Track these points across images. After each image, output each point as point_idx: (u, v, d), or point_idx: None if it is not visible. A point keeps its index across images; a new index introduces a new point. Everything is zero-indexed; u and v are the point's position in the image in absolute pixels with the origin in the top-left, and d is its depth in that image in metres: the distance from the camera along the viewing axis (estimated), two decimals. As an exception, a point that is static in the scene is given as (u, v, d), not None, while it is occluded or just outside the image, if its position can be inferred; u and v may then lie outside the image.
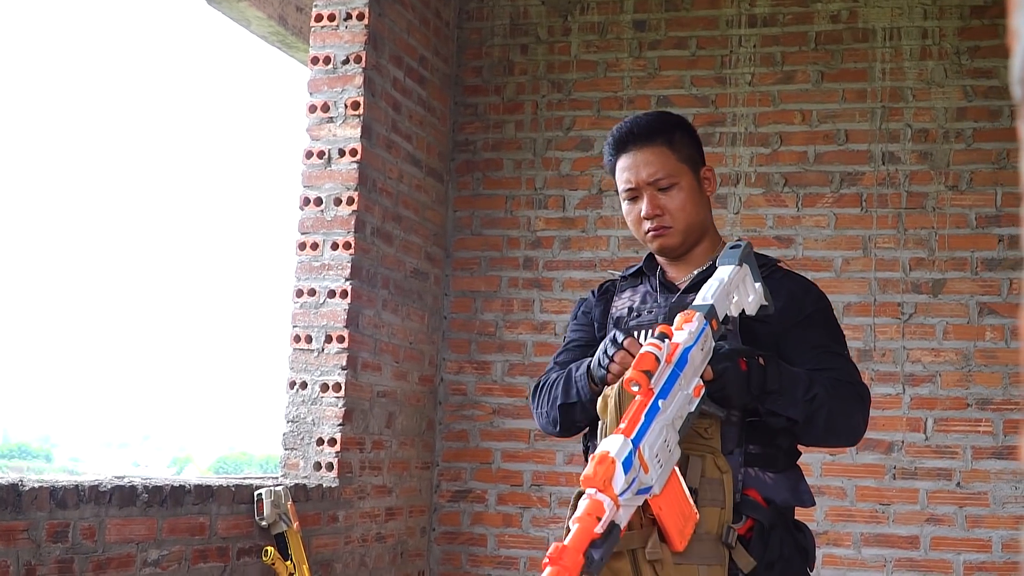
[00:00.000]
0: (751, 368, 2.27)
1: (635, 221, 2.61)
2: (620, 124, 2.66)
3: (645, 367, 2.06)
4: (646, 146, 2.59)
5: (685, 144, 2.62)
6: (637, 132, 2.60)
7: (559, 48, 6.01)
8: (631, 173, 2.58)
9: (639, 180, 2.57)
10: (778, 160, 5.64)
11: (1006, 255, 5.35)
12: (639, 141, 2.59)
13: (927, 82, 5.53)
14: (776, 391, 2.30)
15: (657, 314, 2.54)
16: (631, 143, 2.60)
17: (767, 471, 2.40)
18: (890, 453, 5.35)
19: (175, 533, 3.92)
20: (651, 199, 2.57)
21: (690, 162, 2.61)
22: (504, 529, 5.75)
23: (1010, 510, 5.19)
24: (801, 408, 2.34)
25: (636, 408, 2.07)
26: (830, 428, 2.41)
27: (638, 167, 2.58)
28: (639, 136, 2.59)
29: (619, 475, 1.94)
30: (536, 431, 5.73)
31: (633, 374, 2.06)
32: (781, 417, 2.34)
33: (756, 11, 5.77)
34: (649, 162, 2.57)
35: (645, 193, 2.57)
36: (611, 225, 5.78)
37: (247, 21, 6.22)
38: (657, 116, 2.67)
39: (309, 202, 5.10)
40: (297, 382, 5.00)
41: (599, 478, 1.93)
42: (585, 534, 1.88)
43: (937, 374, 5.35)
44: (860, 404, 2.45)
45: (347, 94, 5.10)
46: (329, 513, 4.83)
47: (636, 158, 2.59)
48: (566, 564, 1.84)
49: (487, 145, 6.02)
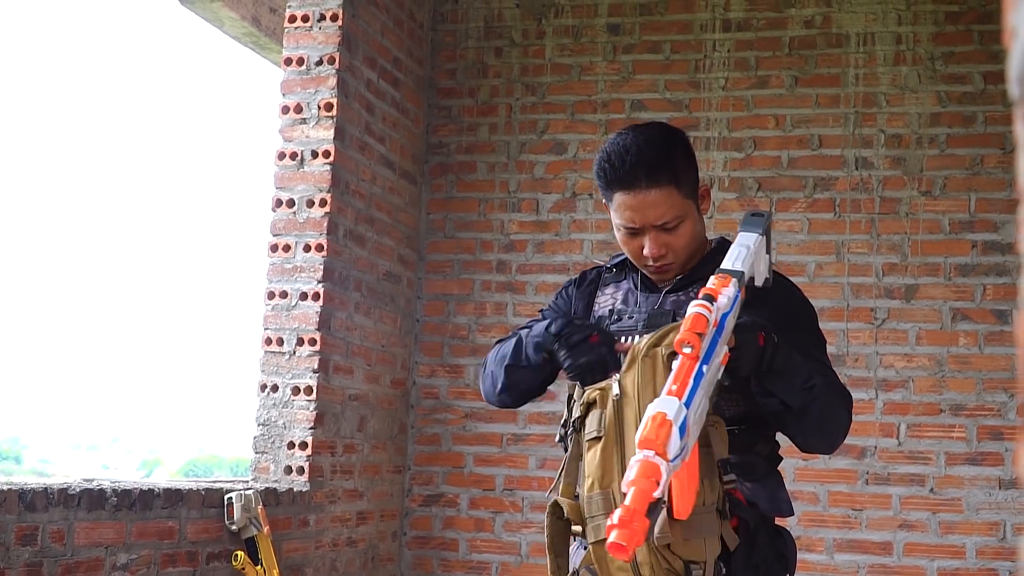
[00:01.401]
0: (767, 343, 2.20)
1: (633, 252, 2.48)
2: (619, 152, 2.42)
3: (699, 329, 1.98)
4: (652, 187, 2.39)
5: (689, 173, 2.46)
6: (643, 171, 2.39)
7: (533, 51, 5.99)
8: (635, 214, 2.41)
9: (644, 222, 2.41)
10: (752, 165, 5.64)
11: (979, 261, 5.36)
12: (645, 182, 2.39)
13: (901, 87, 5.54)
14: (780, 372, 2.23)
15: (638, 320, 2.49)
16: (635, 182, 2.39)
17: (746, 480, 2.38)
18: (863, 458, 5.35)
19: (144, 537, 3.89)
20: (655, 239, 2.42)
21: (693, 192, 2.47)
22: (476, 534, 5.72)
23: (984, 516, 5.20)
24: (799, 395, 2.27)
25: (685, 371, 1.97)
26: (821, 424, 2.35)
27: (644, 209, 2.40)
28: (645, 176, 2.39)
29: (675, 439, 1.86)
30: (509, 435, 5.72)
31: (686, 335, 1.98)
32: (775, 399, 2.27)
33: (730, 16, 5.77)
34: (656, 204, 2.40)
35: (649, 233, 2.42)
36: (584, 229, 5.76)
37: (220, 22, 6.19)
38: (660, 144, 2.44)
39: (281, 204, 5.07)
40: (268, 385, 4.96)
41: (660, 441, 1.83)
42: (646, 497, 1.79)
43: (910, 379, 5.36)
44: (847, 409, 2.41)
45: (320, 95, 5.08)
46: (300, 517, 4.80)
47: (641, 199, 2.40)
48: (636, 528, 1.75)
49: (461, 148, 6.00)
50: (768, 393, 2.28)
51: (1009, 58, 0.70)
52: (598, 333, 2.35)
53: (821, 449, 2.49)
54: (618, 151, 2.42)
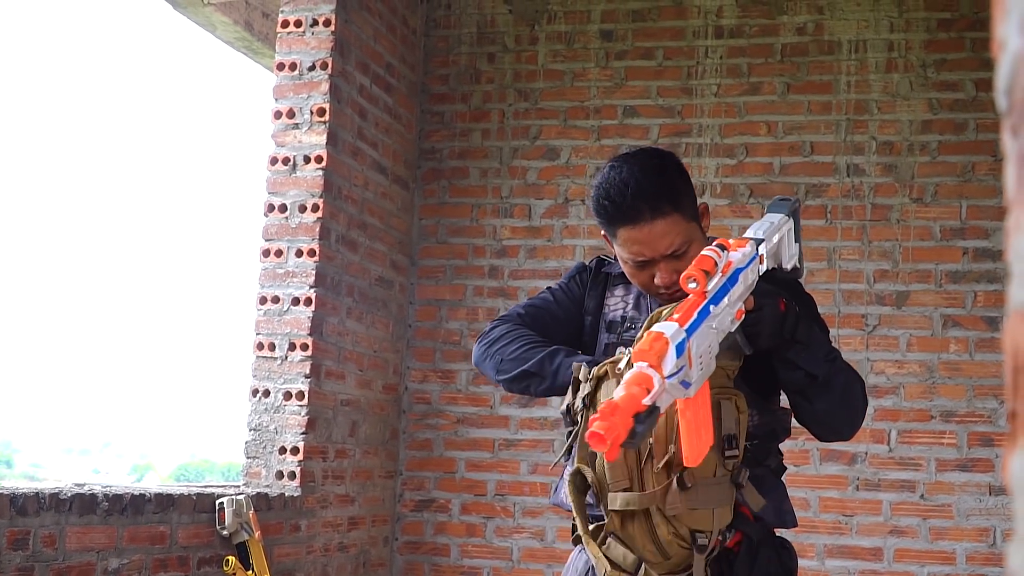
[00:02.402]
0: (788, 311, 2.21)
1: (643, 283, 2.42)
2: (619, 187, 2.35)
3: (705, 267, 2.02)
4: (658, 218, 2.33)
5: (687, 195, 2.39)
6: (645, 204, 2.32)
7: (526, 57, 6.00)
8: (644, 247, 2.35)
9: (655, 254, 2.35)
10: (743, 171, 5.65)
11: (970, 268, 5.37)
12: (650, 214, 2.33)
13: (892, 95, 5.55)
14: (804, 343, 2.23)
15: None
16: (639, 216, 2.33)
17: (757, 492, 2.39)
18: (853, 464, 5.36)
19: (135, 542, 3.88)
20: (667, 267, 2.36)
21: (695, 214, 2.41)
22: (468, 539, 5.72)
23: (974, 522, 5.21)
24: (823, 365, 2.26)
25: (690, 304, 2.01)
26: (844, 398, 2.32)
27: (652, 242, 2.34)
28: (649, 209, 2.33)
29: (671, 356, 1.89)
30: (501, 440, 5.71)
31: (692, 271, 2.01)
32: (801, 371, 2.26)
33: (723, 23, 5.78)
34: (664, 234, 2.33)
35: (660, 263, 2.36)
36: (577, 234, 5.77)
37: (213, 26, 6.18)
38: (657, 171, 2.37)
39: (274, 208, 5.07)
40: (260, 390, 4.96)
41: (653, 353, 1.87)
42: (634, 401, 1.83)
43: (901, 386, 5.37)
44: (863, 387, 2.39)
45: (313, 100, 5.08)
46: (291, 522, 4.79)
47: (648, 232, 2.33)
48: (617, 421, 1.78)
49: (453, 153, 6.01)
50: (792, 366, 2.26)
51: (997, 70, 0.70)
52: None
53: (844, 430, 2.44)
54: (617, 186, 2.35)
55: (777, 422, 2.44)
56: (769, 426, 2.41)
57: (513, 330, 2.56)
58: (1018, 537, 0.68)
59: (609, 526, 2.23)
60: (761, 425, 2.40)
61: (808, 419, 2.41)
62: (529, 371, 2.44)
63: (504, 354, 2.51)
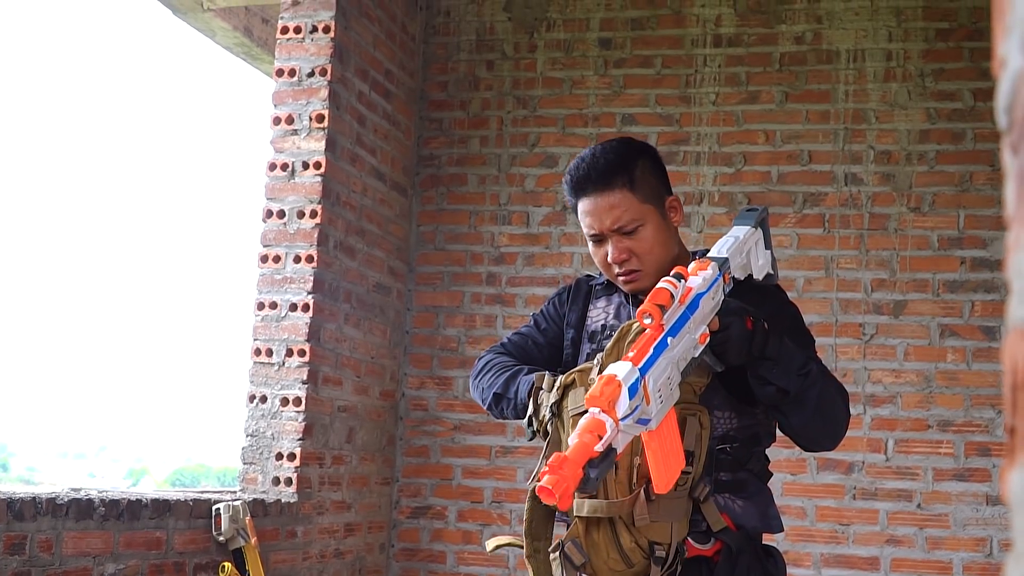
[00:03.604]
0: (756, 329, 2.21)
1: (602, 263, 2.49)
2: (578, 162, 2.49)
3: (659, 301, 2.03)
4: (606, 190, 2.43)
5: (647, 179, 2.47)
6: (595, 175, 2.44)
7: (525, 64, 6.00)
8: (592, 219, 2.45)
9: (602, 227, 2.44)
10: (741, 180, 5.66)
11: (968, 277, 5.38)
12: (598, 185, 2.44)
13: (890, 104, 5.56)
14: (774, 359, 2.23)
15: None
16: (589, 187, 2.45)
17: (737, 498, 2.38)
18: (850, 473, 5.36)
19: (132, 547, 3.88)
20: (617, 244, 2.44)
21: (654, 198, 2.47)
22: (464, 546, 5.72)
23: (971, 532, 5.21)
24: (795, 380, 2.26)
25: (646, 340, 2.03)
26: (820, 410, 2.33)
27: (600, 213, 2.44)
28: (597, 180, 2.44)
29: (624, 399, 1.92)
30: (498, 447, 5.72)
31: (647, 306, 2.03)
32: (772, 387, 2.26)
33: (721, 31, 5.79)
34: (611, 207, 2.43)
35: (610, 238, 2.44)
36: (575, 242, 5.77)
37: (212, 32, 6.19)
38: (616, 151, 2.48)
39: (272, 214, 5.07)
40: (257, 396, 4.96)
41: (604, 398, 1.91)
42: (585, 449, 1.87)
43: (898, 395, 5.37)
44: (843, 399, 2.39)
45: (312, 107, 5.08)
46: (287, 528, 4.79)
47: (596, 203, 2.44)
48: (566, 474, 1.83)
49: (452, 160, 6.01)
50: (764, 381, 2.26)
51: (998, 87, 0.71)
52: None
53: (824, 443, 2.45)
54: (577, 162, 2.49)
55: (760, 426, 2.44)
56: (751, 430, 2.41)
57: (493, 359, 2.62)
58: (1017, 552, 0.69)
59: (573, 532, 2.25)
60: (742, 429, 2.40)
61: (787, 431, 2.42)
62: (499, 394, 2.50)
63: (484, 383, 2.57)
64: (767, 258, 2.38)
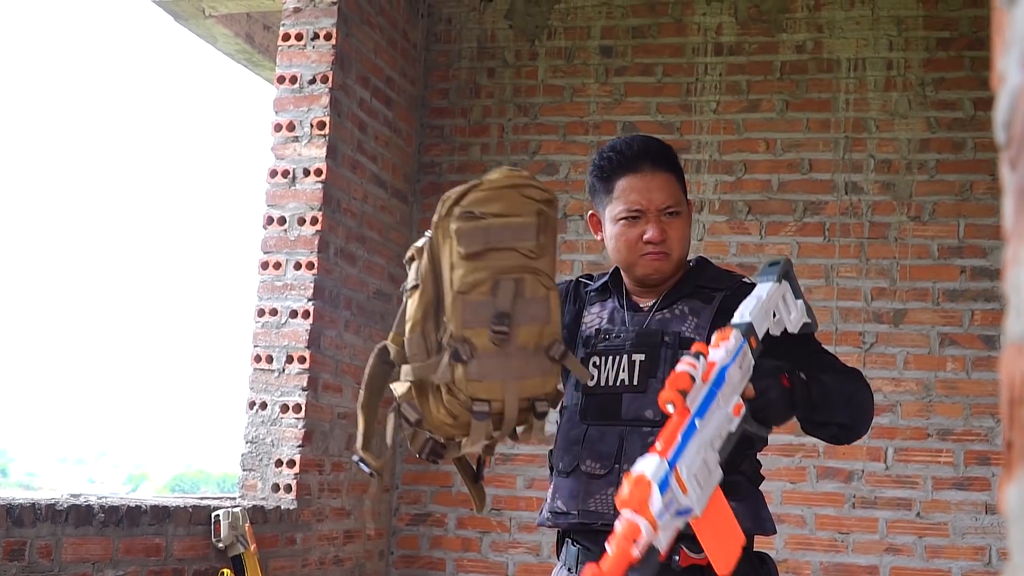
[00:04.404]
0: (794, 383, 2.21)
1: (630, 242, 2.51)
2: (621, 144, 2.56)
3: (680, 386, 1.98)
4: (658, 171, 2.52)
5: (681, 173, 2.59)
6: (651, 154, 2.53)
7: (526, 72, 6.01)
8: (640, 195, 2.49)
9: (651, 204, 2.49)
10: (742, 188, 5.66)
11: (968, 286, 5.38)
12: (654, 164, 2.52)
13: (891, 113, 5.56)
14: (822, 402, 2.26)
15: (626, 339, 2.51)
16: (644, 163, 2.51)
17: (730, 500, 2.39)
18: (850, 482, 5.36)
19: (131, 553, 3.88)
20: (658, 224, 2.49)
21: (686, 196, 2.57)
22: (463, 553, 5.72)
23: (970, 541, 5.21)
24: (846, 411, 2.32)
25: (672, 428, 1.97)
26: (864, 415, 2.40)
27: (651, 191, 2.49)
28: (653, 159, 2.52)
29: (655, 497, 1.86)
30: (497, 455, 5.71)
31: (668, 394, 1.98)
32: (832, 425, 2.33)
33: (722, 40, 5.80)
34: (662, 187, 2.50)
35: (652, 217, 2.49)
36: (575, 250, 5.77)
37: (214, 38, 6.19)
38: (661, 142, 2.60)
39: (273, 221, 5.07)
40: (257, 402, 4.96)
41: (634, 500, 1.85)
42: (622, 557, 1.81)
43: (898, 404, 5.37)
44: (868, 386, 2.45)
45: (313, 114, 5.09)
46: (287, 535, 4.79)
47: (649, 181, 2.50)
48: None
49: (452, 167, 6.02)
50: (818, 425, 2.32)
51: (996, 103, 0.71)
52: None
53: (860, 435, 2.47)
54: (623, 142, 2.57)
55: None
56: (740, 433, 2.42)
57: None
58: (1014, 564, 0.69)
59: (404, 396, 2.35)
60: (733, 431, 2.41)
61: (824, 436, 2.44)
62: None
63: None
64: (800, 308, 2.34)
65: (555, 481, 2.57)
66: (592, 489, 2.45)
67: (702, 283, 2.55)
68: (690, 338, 2.44)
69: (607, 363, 2.50)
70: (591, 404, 2.51)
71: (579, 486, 2.47)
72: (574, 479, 2.49)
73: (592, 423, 2.50)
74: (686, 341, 2.44)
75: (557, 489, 2.55)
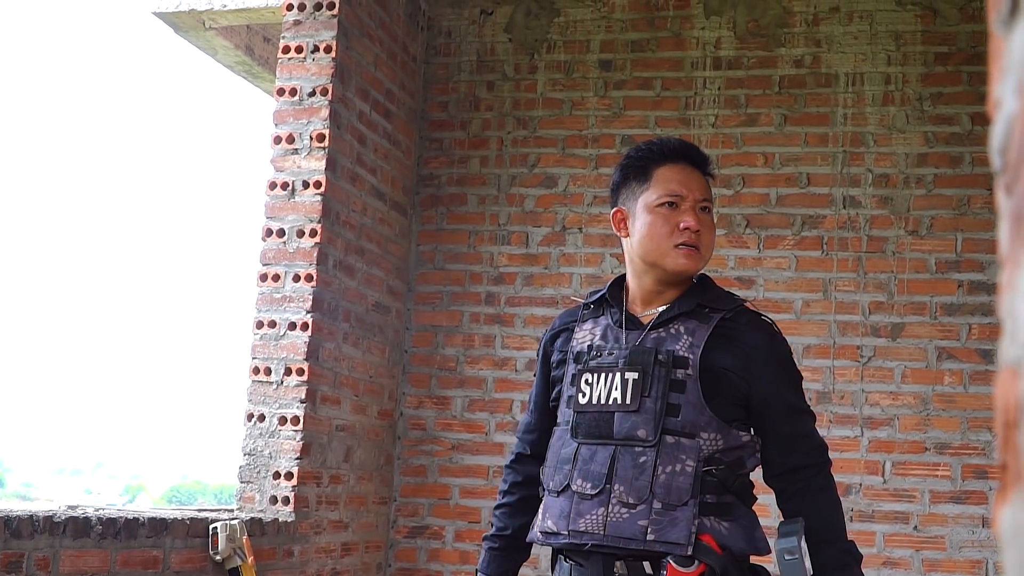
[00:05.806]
0: None
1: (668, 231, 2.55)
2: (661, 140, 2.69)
3: None
4: (698, 169, 2.63)
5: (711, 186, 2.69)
6: (694, 152, 2.65)
7: (525, 85, 6.02)
8: (681, 185, 2.57)
9: (690, 192, 2.57)
10: (740, 202, 5.67)
11: (965, 300, 5.39)
12: (694, 161, 2.64)
13: (889, 127, 5.57)
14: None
15: (618, 356, 2.51)
16: (683, 158, 2.62)
17: (723, 520, 2.40)
18: (847, 495, 5.36)
19: (129, 566, 3.88)
20: (694, 213, 2.56)
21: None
22: (461, 566, 5.71)
23: (967, 554, 5.21)
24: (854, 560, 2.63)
25: None
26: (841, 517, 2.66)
27: (690, 181, 2.59)
28: (695, 155, 2.64)
29: None
30: (496, 467, 5.71)
31: None
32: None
33: (721, 54, 5.81)
34: (701, 184, 2.61)
35: (689, 207, 2.56)
36: (574, 262, 5.78)
37: (214, 50, 6.20)
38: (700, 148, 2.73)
39: (272, 233, 5.08)
40: (255, 414, 4.96)
41: None
42: None
43: (895, 417, 5.37)
44: (833, 481, 2.69)
45: (313, 126, 5.09)
46: (284, 548, 4.79)
47: (690, 174, 2.61)
48: None
49: (451, 180, 6.02)
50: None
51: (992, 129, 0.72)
52: None
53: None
54: (658, 140, 2.69)
55: (745, 449, 2.47)
56: (736, 454, 2.44)
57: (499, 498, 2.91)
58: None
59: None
60: (727, 451, 2.43)
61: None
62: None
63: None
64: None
65: (545, 500, 2.58)
66: (582, 509, 2.45)
67: (703, 302, 2.55)
68: (684, 357, 2.45)
69: (599, 381, 2.51)
70: (582, 422, 2.52)
71: (569, 506, 2.48)
72: (565, 499, 2.50)
73: (584, 441, 2.50)
74: (680, 360, 2.44)
75: (547, 508, 2.55)
